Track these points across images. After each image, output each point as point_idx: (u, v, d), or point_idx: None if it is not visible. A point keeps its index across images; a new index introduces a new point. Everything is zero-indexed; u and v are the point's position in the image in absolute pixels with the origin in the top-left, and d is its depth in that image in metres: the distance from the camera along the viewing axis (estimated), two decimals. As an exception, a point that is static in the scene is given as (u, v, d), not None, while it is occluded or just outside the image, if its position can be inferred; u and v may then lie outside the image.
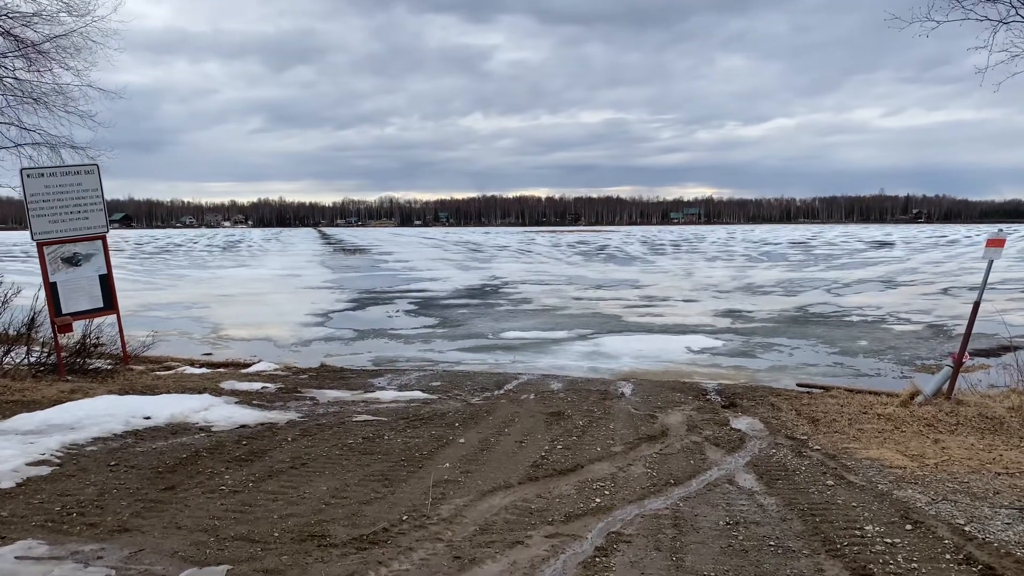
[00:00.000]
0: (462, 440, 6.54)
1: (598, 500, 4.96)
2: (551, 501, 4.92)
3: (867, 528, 4.45)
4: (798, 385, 10.65)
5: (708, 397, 9.21)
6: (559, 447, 6.36)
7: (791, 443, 6.74)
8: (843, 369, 12.37)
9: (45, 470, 5.34)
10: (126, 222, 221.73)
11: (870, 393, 9.60)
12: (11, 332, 10.43)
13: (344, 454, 6.02)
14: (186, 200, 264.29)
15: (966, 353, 8.45)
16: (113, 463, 5.57)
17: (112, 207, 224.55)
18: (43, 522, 4.31)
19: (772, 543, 4.25)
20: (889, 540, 4.25)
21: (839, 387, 10.20)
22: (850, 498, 5.05)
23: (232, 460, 5.76)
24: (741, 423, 7.66)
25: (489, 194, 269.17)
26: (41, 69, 9.25)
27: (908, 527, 4.47)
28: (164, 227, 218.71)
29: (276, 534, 4.22)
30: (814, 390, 10.14)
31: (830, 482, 5.44)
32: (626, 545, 4.20)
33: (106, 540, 4.09)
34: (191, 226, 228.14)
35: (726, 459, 6.16)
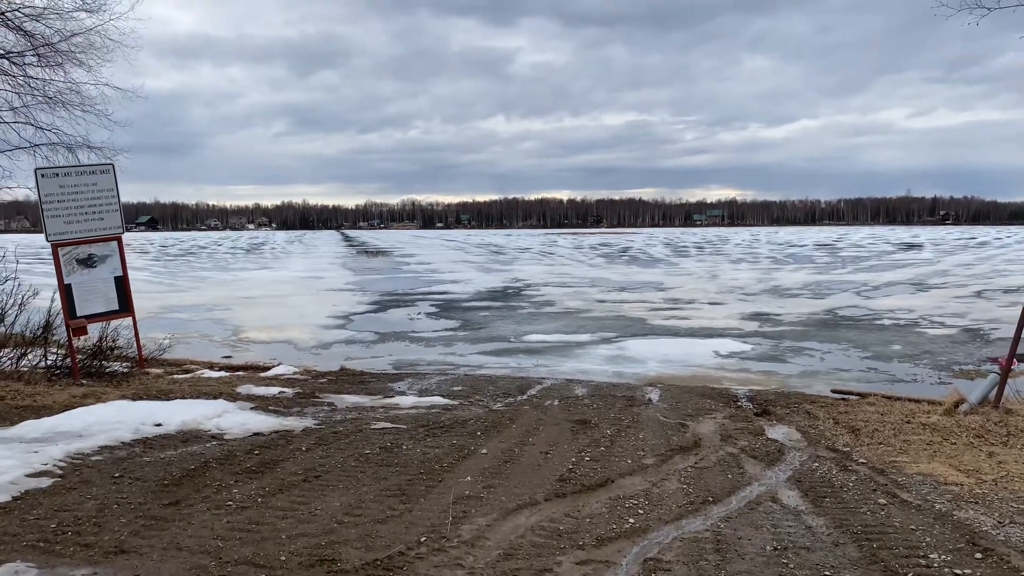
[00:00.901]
0: (484, 451, 6.18)
1: (632, 520, 4.57)
2: (581, 521, 4.54)
3: (932, 556, 4.03)
4: (832, 391, 10.18)
5: (740, 404, 8.82)
6: (587, 459, 5.98)
7: (834, 455, 6.32)
8: (878, 375, 11.89)
9: (46, 482, 5.04)
10: (152, 225, 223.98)
11: (910, 400, 9.11)
12: (27, 335, 10.25)
13: (360, 465, 5.68)
14: (211, 203, 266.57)
15: (1015, 359, 7.97)
16: (117, 474, 5.26)
17: (138, 210, 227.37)
18: (35, 541, 3.99)
19: (828, 573, 3.85)
20: (960, 571, 3.83)
21: (876, 394, 9.70)
22: (907, 520, 4.63)
23: (242, 472, 5.44)
24: (777, 432, 7.26)
25: (511, 196, 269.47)
26: (54, 66, 9.01)
27: (978, 555, 4.04)
28: (189, 230, 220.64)
29: (283, 558, 3.88)
30: (850, 397, 9.68)
31: (882, 500, 5.02)
32: (665, 574, 3.82)
33: (100, 563, 3.76)
34: (216, 228, 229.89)
35: (766, 473, 5.76)
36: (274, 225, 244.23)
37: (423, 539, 4.18)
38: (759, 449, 6.48)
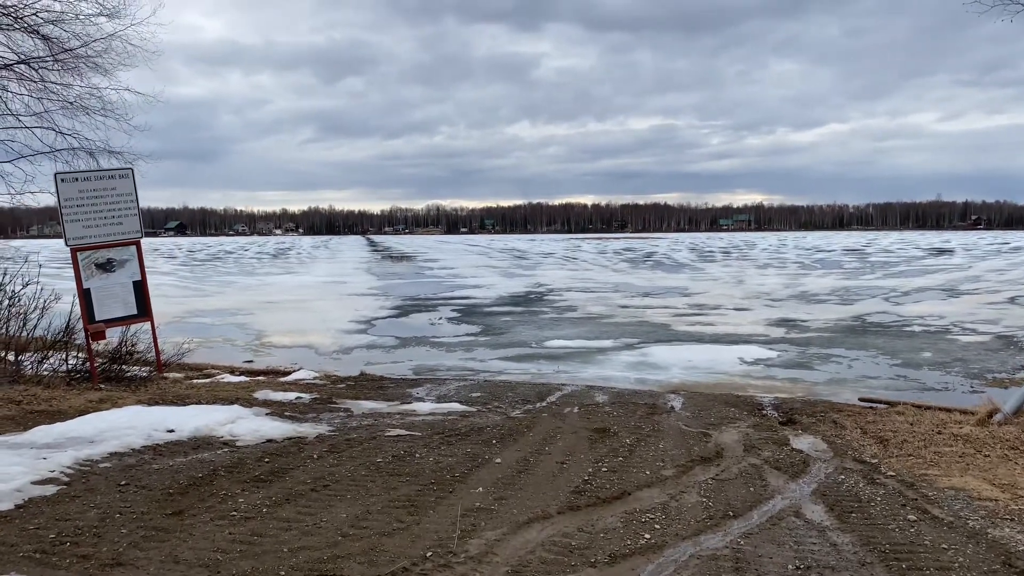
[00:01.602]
0: (498, 460, 6.02)
1: (647, 536, 4.38)
2: (594, 536, 4.36)
3: (965, 578, 3.81)
4: (860, 400, 9.90)
5: (764, 412, 8.59)
6: (604, 469, 5.80)
7: (861, 467, 6.08)
8: (907, 383, 11.57)
9: (51, 490, 4.96)
10: (180, 230, 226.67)
11: (940, 409, 8.82)
12: (48, 338, 10.27)
13: (370, 475, 5.54)
14: (239, 208, 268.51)
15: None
16: (124, 482, 5.17)
17: (167, 215, 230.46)
18: (32, 552, 3.90)
19: (853, 595, 3.64)
20: (994, 596, 3.61)
21: (905, 402, 9.40)
22: (938, 538, 4.39)
23: (250, 480, 5.33)
24: (802, 443, 7.02)
25: (535, 201, 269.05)
26: (71, 70, 9.01)
27: (1014, 578, 3.82)
28: (217, 235, 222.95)
29: (283, 573, 3.74)
30: (878, 405, 9.39)
31: (912, 517, 4.78)
32: (680, 594, 3.64)
33: (96, 576, 3.66)
34: (243, 234, 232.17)
35: (789, 486, 5.54)
36: (301, 230, 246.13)
37: (429, 554, 4.02)
38: (783, 460, 6.26)
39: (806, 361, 13.24)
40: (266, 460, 5.92)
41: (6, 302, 9.81)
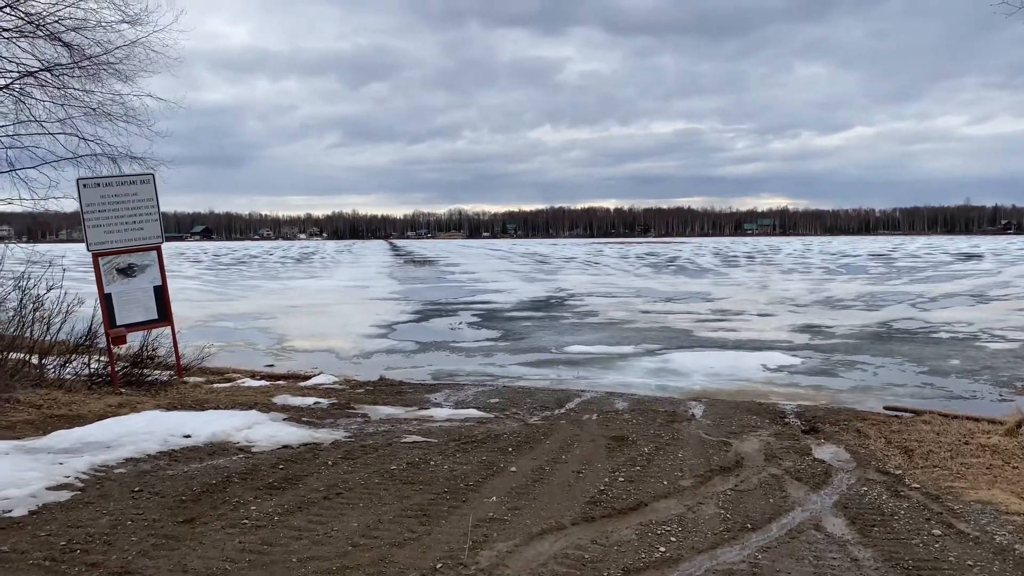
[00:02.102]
0: (514, 468, 5.95)
1: (662, 549, 4.29)
2: (608, 549, 4.27)
3: (991, 597, 3.68)
4: (885, 408, 9.72)
5: (787, 420, 8.46)
6: (620, 479, 5.71)
7: (884, 479, 5.94)
8: (934, 390, 11.35)
9: (65, 496, 4.96)
10: (206, 234, 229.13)
11: (968, 419, 8.63)
12: (70, 342, 10.35)
13: (384, 482, 5.50)
14: (264, 213, 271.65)
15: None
16: (138, 488, 5.16)
17: (193, 220, 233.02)
18: (42, 560, 3.88)
19: (873, 614, 3.53)
20: (1022, 616, 3.49)
21: (932, 411, 9.21)
22: (963, 553, 4.26)
23: (264, 487, 5.30)
24: (825, 452, 6.89)
25: (557, 206, 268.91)
26: (92, 76, 9.08)
27: (1043, 598, 3.68)
28: (242, 239, 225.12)
29: (291, 583, 3.70)
30: (904, 414, 9.21)
31: (936, 531, 4.65)
32: (695, 610, 3.55)
33: (104, 585, 3.64)
34: (268, 238, 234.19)
35: (810, 498, 5.42)
36: (325, 235, 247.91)
37: (439, 566, 3.96)
38: (804, 471, 6.14)
39: (830, 368, 13.05)
40: (280, 467, 5.90)
41: (30, 306, 9.90)
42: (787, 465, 6.31)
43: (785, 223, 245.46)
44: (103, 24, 9.24)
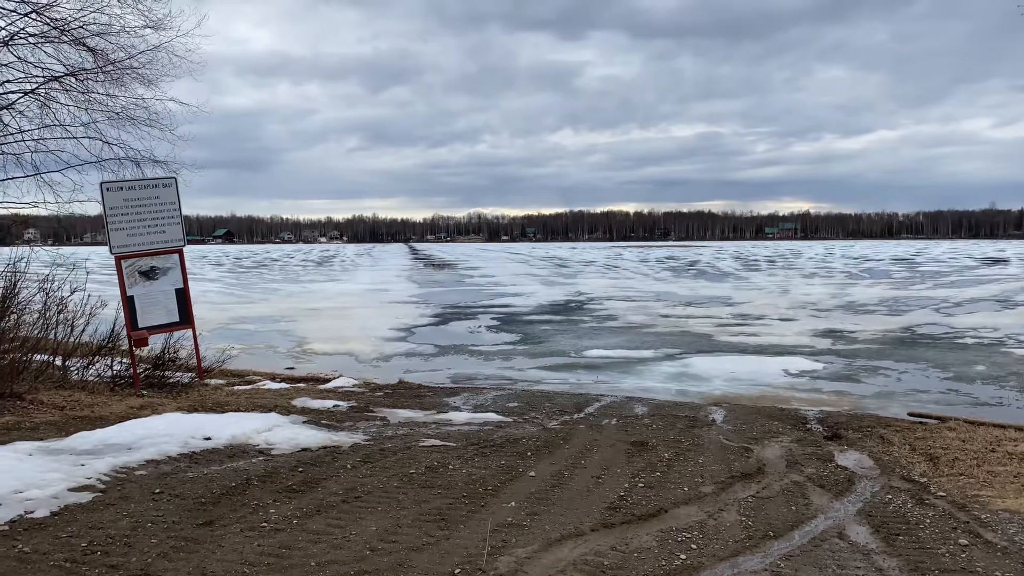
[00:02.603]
0: (532, 473, 5.92)
1: (683, 556, 4.24)
2: (627, 556, 4.23)
3: (1020, 610, 3.60)
4: (909, 415, 9.59)
5: (809, 426, 8.38)
6: (640, 485, 5.67)
7: (909, 487, 5.85)
8: (959, 397, 11.21)
9: (86, 497, 4.99)
10: (228, 238, 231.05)
11: (994, 426, 8.50)
12: (94, 344, 10.45)
13: (402, 486, 5.49)
14: (285, 216, 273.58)
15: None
16: (158, 490, 5.18)
17: (215, 223, 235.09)
18: (62, 561, 3.90)
19: (899, 625, 3.46)
20: (1053, 630, 3.40)
21: (957, 418, 9.07)
22: (991, 564, 4.18)
23: (283, 490, 5.30)
24: (848, 459, 6.81)
25: (576, 209, 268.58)
26: (115, 80, 9.16)
27: (1074, 611, 3.60)
28: (263, 242, 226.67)
29: (309, 587, 3.69)
30: (928, 421, 9.09)
31: (963, 541, 4.56)
32: (716, 619, 3.50)
33: (124, 586, 3.65)
34: (289, 241, 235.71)
35: (833, 505, 5.34)
36: (345, 238, 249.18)
37: (457, 571, 3.93)
38: (827, 477, 6.06)
39: (853, 373, 12.94)
40: (300, 469, 5.90)
41: (54, 308, 10.00)
42: (809, 472, 6.24)
43: (807, 227, 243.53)
44: (127, 29, 9.33)
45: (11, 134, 9.36)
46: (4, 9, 8.85)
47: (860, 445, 7.41)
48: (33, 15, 8.84)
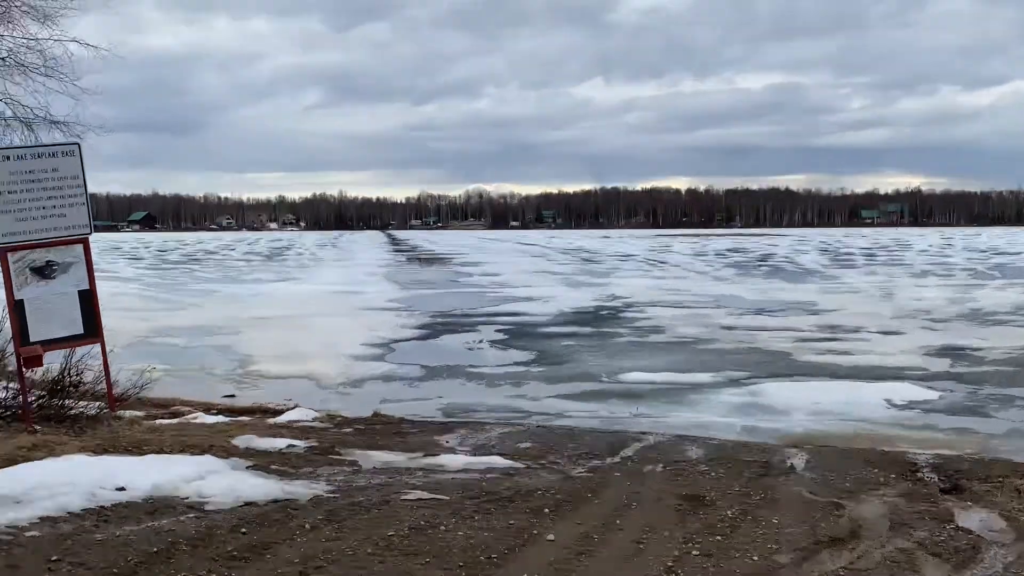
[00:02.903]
0: (551, 537, 6.01)
1: (752, 650, 4.27)
2: (678, 647, 4.26)
3: None
4: (1056, 460, 9.64)
5: (920, 476, 8.48)
6: (695, 553, 5.74)
7: (1055, 556, 5.88)
8: (1125, 438, 11.25)
9: (-41, 567, 5.05)
10: (148, 223, 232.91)
11: None
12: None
13: (378, 553, 5.57)
14: (223, 196, 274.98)
15: None
16: (55, 558, 5.26)
17: (132, 204, 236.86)
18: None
19: None
20: None
21: (1118, 465, 9.13)
22: None
23: (220, 558, 5.38)
24: (972, 519, 6.87)
25: (610, 186, 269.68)
26: (1, 16, 9.24)
27: None
28: (196, 229, 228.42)
29: None
30: (1082, 469, 9.13)
31: None
32: None
33: None
34: (229, 228, 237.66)
35: (953, 581, 5.38)
36: (303, 224, 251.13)
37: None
38: (944, 544, 6.13)
39: (979, 405, 13.07)
40: (243, 531, 5.99)
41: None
42: (920, 536, 6.30)
43: (917, 209, 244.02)
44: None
45: None
46: None
47: (988, 500, 7.46)
48: None
